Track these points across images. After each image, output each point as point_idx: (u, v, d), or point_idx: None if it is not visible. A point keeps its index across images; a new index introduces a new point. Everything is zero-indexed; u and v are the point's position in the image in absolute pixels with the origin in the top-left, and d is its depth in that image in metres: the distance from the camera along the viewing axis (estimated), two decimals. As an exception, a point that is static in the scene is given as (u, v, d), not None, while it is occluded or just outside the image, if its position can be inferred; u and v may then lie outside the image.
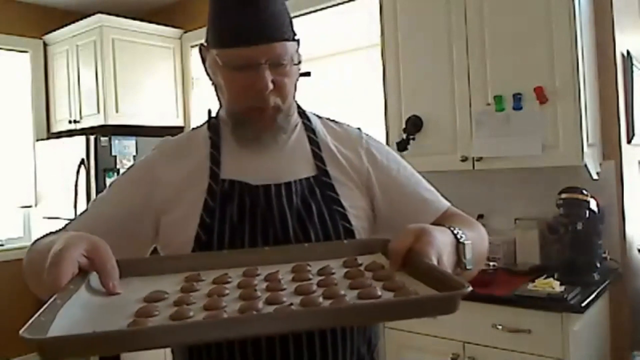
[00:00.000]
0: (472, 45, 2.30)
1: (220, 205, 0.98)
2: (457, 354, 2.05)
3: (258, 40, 0.92)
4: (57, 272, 0.72)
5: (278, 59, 0.94)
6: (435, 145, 2.41)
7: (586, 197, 2.11)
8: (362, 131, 1.13)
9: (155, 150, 1.10)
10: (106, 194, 1.08)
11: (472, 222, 1.04)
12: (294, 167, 1.03)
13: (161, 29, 4.00)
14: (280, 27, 0.94)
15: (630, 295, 2.33)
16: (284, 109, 1.00)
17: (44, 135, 4.11)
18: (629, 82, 2.45)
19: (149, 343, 0.62)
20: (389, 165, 1.09)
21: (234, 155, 1.03)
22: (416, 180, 1.11)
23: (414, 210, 1.06)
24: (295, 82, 1.02)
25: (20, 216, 4.09)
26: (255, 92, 0.95)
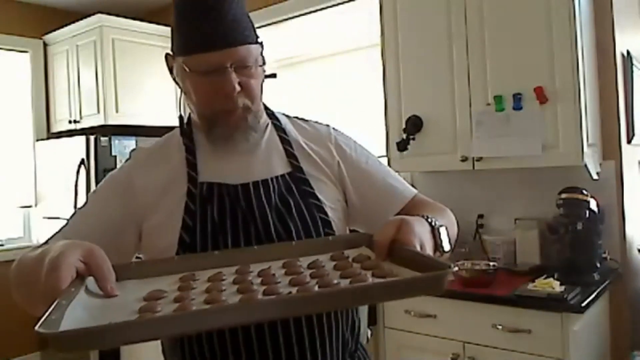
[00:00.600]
0: (472, 45, 2.30)
1: (201, 207, 1.01)
2: (457, 354, 2.05)
3: (222, 44, 0.96)
4: (56, 277, 0.74)
5: (243, 62, 0.98)
6: (435, 145, 2.41)
7: (586, 197, 2.11)
8: (330, 127, 1.18)
9: (130, 160, 1.12)
10: (85, 208, 1.09)
11: (440, 208, 1.09)
12: (269, 166, 1.07)
13: (161, 29, 3.99)
14: (242, 31, 0.98)
15: (630, 295, 2.33)
16: (254, 109, 1.04)
17: (44, 135, 4.11)
18: (629, 82, 2.45)
19: (159, 332, 0.66)
20: (358, 158, 1.14)
21: (209, 158, 1.07)
22: (384, 170, 1.16)
23: (383, 198, 1.11)
24: (262, 83, 1.06)
25: (20, 216, 4.09)
26: (223, 95, 0.99)
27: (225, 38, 0.96)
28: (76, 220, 1.09)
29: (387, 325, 2.27)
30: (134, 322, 0.67)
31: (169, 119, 4.02)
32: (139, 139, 3.75)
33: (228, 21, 0.96)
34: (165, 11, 4.23)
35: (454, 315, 2.08)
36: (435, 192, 2.80)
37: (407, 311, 2.19)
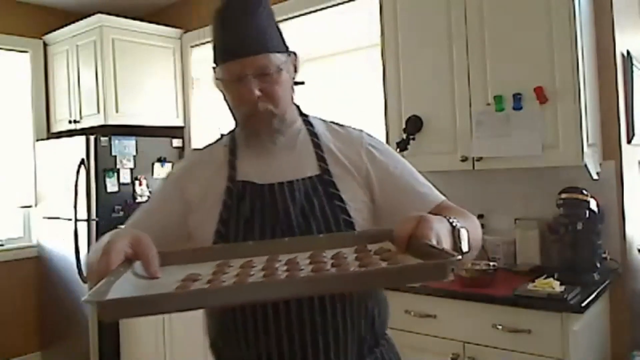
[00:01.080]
0: (472, 45, 2.30)
1: (236, 203, 1.12)
2: (457, 354, 2.05)
3: (241, 54, 1.06)
4: (107, 260, 0.86)
5: (262, 70, 1.07)
6: (435, 145, 2.41)
7: (586, 197, 2.11)
8: (363, 132, 1.23)
9: (183, 159, 1.28)
10: (147, 205, 1.23)
11: (465, 213, 1.12)
12: (299, 168, 1.15)
13: (161, 29, 4.00)
14: (263, 41, 1.07)
15: (630, 295, 2.33)
16: (278, 113, 1.11)
17: (44, 135, 4.11)
18: (629, 82, 2.45)
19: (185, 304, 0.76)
20: (387, 162, 1.18)
21: (246, 159, 1.18)
22: (412, 176, 1.20)
23: (410, 202, 1.14)
24: (290, 88, 1.15)
25: (20, 216, 4.09)
26: (245, 101, 1.08)
27: (244, 48, 1.05)
28: (139, 216, 1.21)
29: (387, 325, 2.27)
30: (167, 294, 0.79)
31: (169, 119, 4.03)
32: (139, 139, 3.75)
33: (249, 32, 1.05)
34: (166, 11, 4.23)
35: (454, 315, 2.08)
36: (435, 192, 2.80)
37: (407, 311, 2.19)
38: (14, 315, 3.88)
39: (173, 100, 4.05)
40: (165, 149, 3.92)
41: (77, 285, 3.54)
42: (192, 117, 4.08)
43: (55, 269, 3.78)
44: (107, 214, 3.57)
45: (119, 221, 3.57)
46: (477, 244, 1.10)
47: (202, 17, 3.96)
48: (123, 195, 3.66)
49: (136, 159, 3.74)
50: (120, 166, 3.65)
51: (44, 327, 3.96)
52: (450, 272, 0.75)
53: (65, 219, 3.65)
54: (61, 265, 3.71)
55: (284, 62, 1.11)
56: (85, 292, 3.51)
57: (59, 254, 3.74)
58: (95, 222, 3.52)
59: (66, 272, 3.64)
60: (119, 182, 3.64)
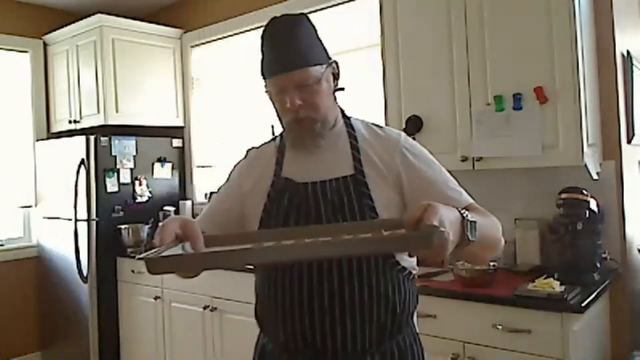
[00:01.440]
0: (472, 45, 2.30)
1: (278, 197, 1.27)
2: (457, 354, 2.05)
3: (282, 70, 1.20)
4: (161, 237, 1.04)
5: (302, 82, 1.20)
6: (435, 145, 2.39)
7: (586, 197, 2.11)
8: (401, 136, 1.32)
9: (243, 158, 1.44)
10: (216, 196, 1.43)
11: (487, 214, 1.21)
12: (335, 168, 1.27)
13: (161, 29, 4.00)
14: (301, 57, 1.20)
15: (630, 295, 2.33)
16: (319, 118, 1.24)
17: (44, 135, 4.11)
18: (629, 82, 2.45)
19: (222, 262, 0.98)
20: (419, 166, 1.27)
21: (291, 159, 1.32)
22: (444, 180, 1.28)
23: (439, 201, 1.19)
24: (330, 95, 1.27)
25: (20, 216, 4.09)
26: (288, 110, 1.22)
27: (283, 65, 1.20)
28: (211, 203, 1.43)
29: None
30: (207, 252, 1.03)
31: (169, 119, 4.03)
32: (139, 139, 3.75)
33: (290, 50, 1.19)
34: (166, 11, 4.23)
35: (454, 315, 2.08)
36: (435, 192, 2.80)
37: (407, 311, 2.19)
38: (14, 315, 3.88)
39: (173, 100, 4.05)
40: (165, 149, 3.92)
41: (77, 285, 3.55)
42: (192, 117, 4.08)
43: (55, 269, 3.78)
44: (107, 214, 3.57)
45: (119, 221, 3.58)
46: (493, 241, 1.20)
47: (202, 17, 3.96)
48: (123, 195, 3.66)
49: (136, 159, 3.74)
50: (120, 166, 3.65)
51: (44, 327, 3.96)
52: (435, 242, 0.86)
53: (65, 219, 3.65)
54: (61, 265, 3.71)
55: (322, 73, 1.22)
56: (85, 292, 3.52)
57: (59, 254, 3.74)
58: (95, 222, 3.53)
59: (66, 272, 3.64)
60: (119, 182, 3.64)
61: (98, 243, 3.51)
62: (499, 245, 1.24)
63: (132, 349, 3.53)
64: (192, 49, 4.07)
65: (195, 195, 4.06)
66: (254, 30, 3.67)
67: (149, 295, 3.30)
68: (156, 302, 3.28)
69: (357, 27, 3.11)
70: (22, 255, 3.95)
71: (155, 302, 3.28)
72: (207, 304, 2.95)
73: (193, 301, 3.02)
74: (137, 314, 3.45)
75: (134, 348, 3.51)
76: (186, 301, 3.08)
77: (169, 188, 3.94)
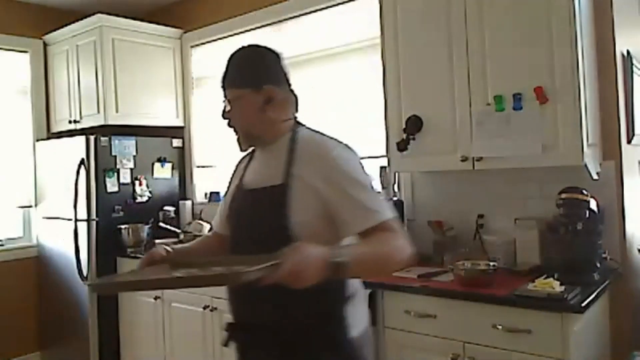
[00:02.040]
0: (472, 45, 2.30)
1: (229, 201, 1.59)
2: (457, 354, 2.05)
3: (221, 85, 1.51)
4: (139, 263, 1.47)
5: (230, 98, 1.48)
6: (435, 145, 2.41)
7: (586, 197, 2.10)
8: (335, 150, 1.41)
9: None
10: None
11: (384, 241, 1.31)
12: (268, 177, 1.45)
13: (161, 29, 4.00)
14: (232, 80, 1.48)
15: (630, 295, 2.33)
16: (240, 130, 1.50)
17: (44, 135, 4.11)
18: (629, 82, 2.45)
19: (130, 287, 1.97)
20: (340, 182, 1.36)
21: (251, 166, 1.59)
22: (360, 198, 1.35)
23: (354, 217, 1.35)
24: (255, 113, 1.46)
25: (20, 216, 4.09)
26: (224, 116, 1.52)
27: (222, 81, 1.51)
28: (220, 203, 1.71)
29: (387, 325, 2.27)
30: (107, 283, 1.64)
31: (169, 119, 4.03)
32: (139, 139, 3.75)
33: (229, 72, 1.49)
34: (166, 11, 4.23)
35: (454, 315, 2.08)
36: (435, 192, 2.80)
37: (407, 311, 2.19)
38: (14, 315, 3.88)
39: (173, 100, 4.05)
40: (165, 149, 3.92)
41: (77, 285, 3.54)
42: (192, 117, 4.08)
43: (55, 268, 3.78)
44: (107, 214, 3.57)
45: (119, 221, 3.58)
46: (376, 269, 1.36)
47: (202, 17, 3.96)
48: (123, 195, 3.66)
49: (136, 159, 3.74)
50: (120, 166, 3.65)
51: (44, 327, 3.96)
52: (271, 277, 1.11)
53: (65, 219, 3.65)
54: (61, 265, 3.71)
55: (246, 94, 1.46)
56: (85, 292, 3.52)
57: (59, 254, 3.74)
58: (95, 222, 3.53)
59: (66, 272, 3.64)
60: (119, 182, 3.64)
61: (98, 243, 3.51)
62: (389, 269, 1.38)
63: (132, 349, 3.53)
64: (192, 49, 4.07)
65: (195, 195, 4.05)
66: (254, 30, 3.67)
67: (149, 295, 3.30)
68: (156, 302, 3.28)
69: (357, 27, 3.11)
70: (22, 255, 3.95)
71: (155, 302, 3.28)
72: (207, 304, 2.95)
73: (193, 301, 3.02)
74: (137, 314, 3.45)
75: (134, 348, 3.51)
76: (186, 301, 3.08)
77: (169, 188, 3.94)
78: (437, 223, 2.65)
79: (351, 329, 1.40)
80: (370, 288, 2.28)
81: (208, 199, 3.96)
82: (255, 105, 1.46)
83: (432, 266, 2.47)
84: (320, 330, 1.38)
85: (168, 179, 3.93)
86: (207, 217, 3.55)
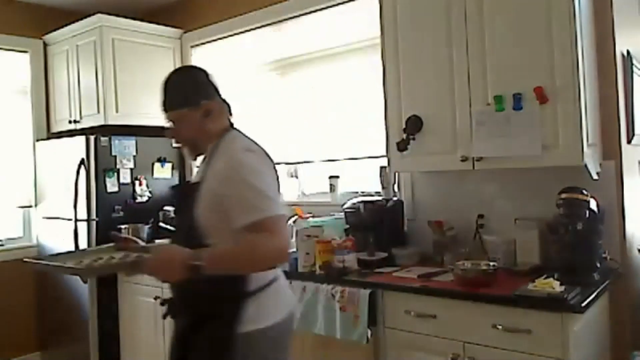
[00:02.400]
0: (472, 45, 2.30)
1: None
2: (457, 354, 2.05)
3: (161, 109, 1.73)
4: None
5: (170, 120, 1.72)
6: (435, 145, 2.41)
7: (586, 197, 2.10)
8: (234, 156, 1.59)
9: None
10: None
11: (252, 240, 1.49)
12: (196, 176, 1.74)
13: (161, 29, 4.00)
14: (172, 102, 1.69)
15: (630, 295, 2.33)
16: (185, 144, 1.76)
17: (44, 135, 4.11)
18: (629, 82, 2.45)
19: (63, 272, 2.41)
20: (229, 184, 1.55)
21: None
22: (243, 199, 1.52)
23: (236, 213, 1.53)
24: (194, 127, 1.69)
25: (20, 216, 4.09)
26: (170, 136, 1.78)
27: (162, 106, 1.72)
28: None
29: (387, 325, 2.27)
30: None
31: (169, 119, 4.02)
32: (139, 139, 3.75)
33: (165, 96, 1.71)
34: (166, 11, 4.23)
35: (454, 315, 2.08)
36: (435, 192, 2.80)
37: (407, 311, 2.19)
38: (14, 315, 3.88)
39: (173, 100, 4.04)
40: (165, 149, 3.91)
41: (77, 286, 3.54)
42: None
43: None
44: (107, 214, 3.57)
45: (119, 221, 3.57)
46: (237, 268, 1.53)
47: (202, 17, 3.96)
48: (123, 195, 3.66)
49: (136, 159, 3.74)
50: (120, 166, 3.65)
51: (44, 327, 3.96)
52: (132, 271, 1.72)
53: (65, 219, 3.65)
54: (61, 265, 3.70)
55: (185, 113, 1.68)
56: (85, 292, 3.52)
57: (59, 254, 3.73)
58: (95, 222, 3.53)
59: (66, 272, 3.64)
60: (119, 182, 3.64)
61: (98, 243, 3.50)
62: (256, 266, 1.54)
63: (132, 349, 3.52)
64: (192, 49, 4.07)
65: (195, 195, 4.05)
66: (254, 30, 3.67)
67: (149, 295, 3.30)
68: (156, 302, 3.26)
69: (357, 27, 3.11)
70: (22, 255, 3.90)
71: (155, 302, 3.27)
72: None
73: (193, 301, 3.01)
74: (137, 314, 3.45)
75: (134, 348, 3.51)
76: (186, 301, 3.07)
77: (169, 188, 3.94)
78: (437, 223, 2.65)
79: (247, 324, 1.55)
80: (370, 288, 2.28)
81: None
82: (195, 120, 1.67)
83: (432, 266, 2.47)
84: (214, 318, 1.57)
85: (168, 179, 3.93)
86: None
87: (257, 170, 1.57)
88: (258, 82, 3.69)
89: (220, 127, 1.71)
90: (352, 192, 3.16)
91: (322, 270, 2.48)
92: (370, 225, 2.66)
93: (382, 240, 2.62)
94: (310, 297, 2.43)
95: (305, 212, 3.05)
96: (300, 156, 3.49)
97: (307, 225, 2.76)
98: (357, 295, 2.28)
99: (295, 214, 3.05)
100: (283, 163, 3.54)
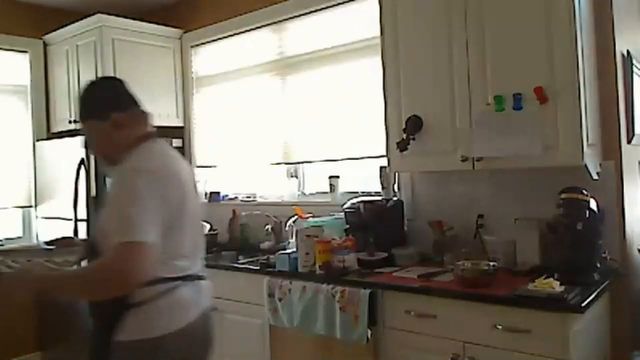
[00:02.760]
0: (472, 45, 2.30)
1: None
2: (457, 354, 2.05)
3: (77, 119, 1.54)
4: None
5: (84, 130, 1.73)
6: (435, 145, 2.42)
7: (586, 197, 2.10)
8: (122, 171, 1.59)
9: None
10: None
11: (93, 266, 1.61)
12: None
13: (161, 29, 4.00)
14: (82, 112, 1.71)
15: (630, 295, 2.33)
16: (97, 155, 1.79)
17: (44, 135, 4.11)
18: (629, 82, 2.45)
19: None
20: (113, 194, 1.58)
21: None
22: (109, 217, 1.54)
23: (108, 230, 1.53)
24: (106, 139, 1.68)
25: (20, 216, 4.09)
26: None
27: (77, 116, 1.75)
28: None
29: (387, 325, 2.27)
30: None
31: (169, 119, 4.02)
32: (139, 139, 3.74)
33: (79, 108, 1.73)
34: (166, 11, 4.23)
35: (454, 315, 2.08)
36: (436, 192, 2.80)
37: (407, 311, 2.19)
38: (14, 315, 3.88)
39: (173, 101, 4.05)
40: (165, 149, 3.91)
41: (77, 285, 3.54)
42: (192, 117, 4.08)
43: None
44: (107, 214, 3.56)
45: (119, 221, 3.57)
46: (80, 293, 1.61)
47: (202, 17, 3.96)
48: (123, 195, 3.65)
49: (136, 159, 3.73)
50: (120, 166, 3.64)
51: (44, 327, 3.96)
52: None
53: (65, 219, 3.64)
54: (61, 265, 3.70)
55: (95, 124, 1.68)
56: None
57: (59, 254, 3.73)
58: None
59: (66, 272, 3.63)
60: (119, 182, 3.63)
61: (98, 243, 3.51)
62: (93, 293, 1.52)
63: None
64: (192, 49, 4.07)
65: (195, 195, 4.05)
66: (254, 30, 3.67)
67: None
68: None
69: (357, 27, 3.11)
70: (22, 255, 3.94)
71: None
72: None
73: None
74: (137, 314, 3.44)
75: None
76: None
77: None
78: (437, 223, 2.65)
79: (129, 333, 1.54)
80: (370, 288, 2.28)
81: (208, 199, 3.96)
82: (104, 132, 1.67)
83: (432, 266, 2.47)
84: (101, 325, 1.61)
85: (168, 179, 3.92)
86: (207, 217, 3.55)
87: (135, 194, 1.50)
88: (258, 82, 3.68)
89: (133, 139, 1.67)
90: (352, 192, 3.16)
91: (322, 270, 2.48)
92: (370, 225, 2.66)
93: (382, 240, 2.62)
94: (310, 297, 2.43)
95: (305, 212, 3.05)
96: (300, 156, 3.49)
97: (307, 225, 2.76)
98: (357, 295, 2.28)
99: (295, 213, 3.05)
100: (283, 163, 3.55)
